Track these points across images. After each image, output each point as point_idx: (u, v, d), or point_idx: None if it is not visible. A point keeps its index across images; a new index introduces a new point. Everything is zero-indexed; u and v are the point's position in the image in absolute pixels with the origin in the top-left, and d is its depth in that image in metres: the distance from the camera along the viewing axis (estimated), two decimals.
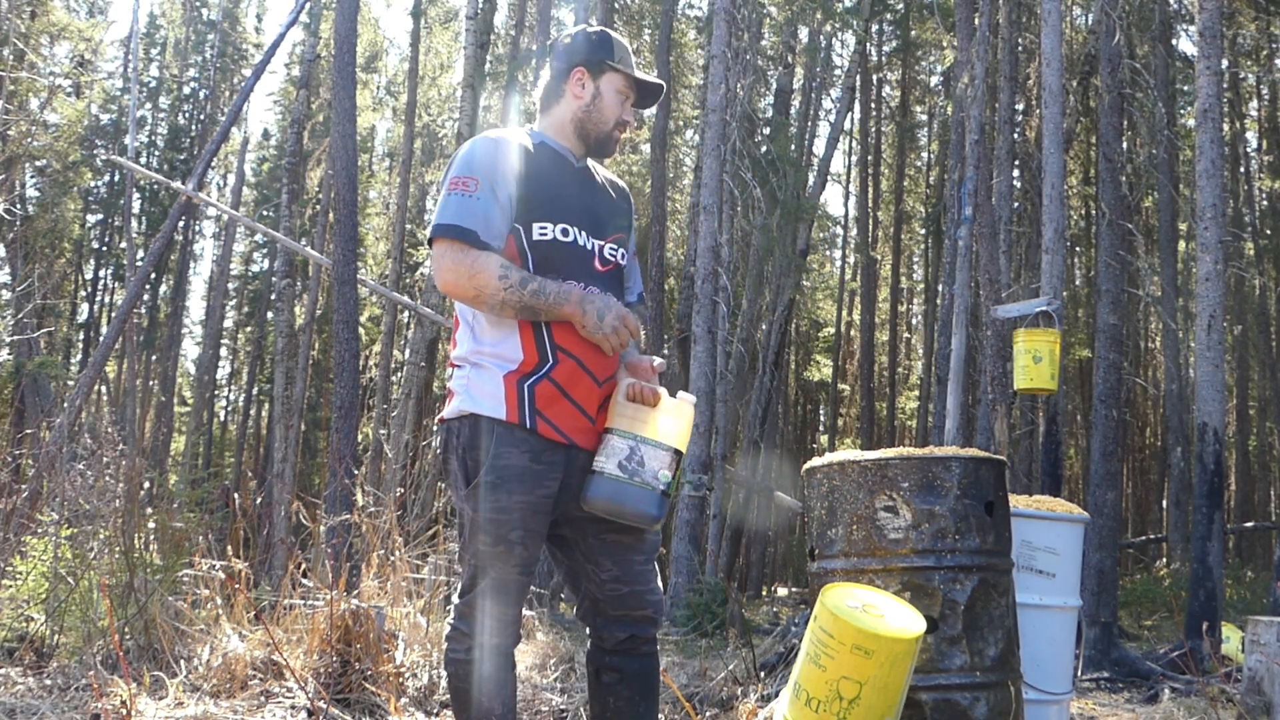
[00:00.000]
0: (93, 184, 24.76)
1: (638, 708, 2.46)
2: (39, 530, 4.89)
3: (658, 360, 2.50)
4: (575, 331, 2.35)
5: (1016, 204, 13.28)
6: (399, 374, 19.21)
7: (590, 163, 2.58)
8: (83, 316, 27.17)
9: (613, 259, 2.48)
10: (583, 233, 2.42)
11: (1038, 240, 11.17)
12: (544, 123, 2.54)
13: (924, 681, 2.73)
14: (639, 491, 2.33)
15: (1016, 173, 13.36)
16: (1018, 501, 3.60)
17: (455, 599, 2.44)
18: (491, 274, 2.29)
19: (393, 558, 4.32)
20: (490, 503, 2.32)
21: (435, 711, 3.83)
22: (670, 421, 2.38)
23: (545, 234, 2.36)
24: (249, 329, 28.46)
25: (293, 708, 3.62)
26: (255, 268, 28.71)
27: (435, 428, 2.58)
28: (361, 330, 16.05)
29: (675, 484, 2.38)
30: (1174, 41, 15.24)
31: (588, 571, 2.45)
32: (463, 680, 2.37)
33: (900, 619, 2.45)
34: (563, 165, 2.48)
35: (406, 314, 21.03)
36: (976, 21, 11.17)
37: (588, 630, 2.51)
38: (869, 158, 23.97)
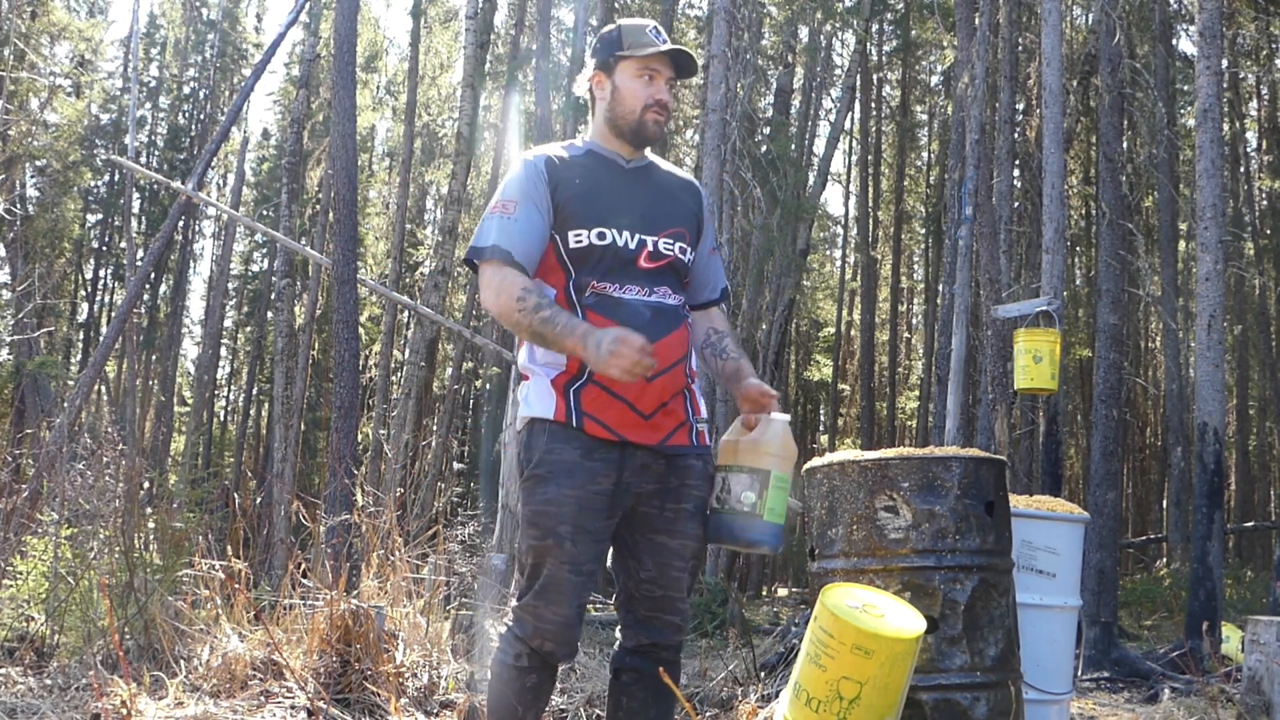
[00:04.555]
0: (93, 184, 24.75)
1: (649, 710, 2.50)
2: (39, 530, 4.89)
3: (769, 391, 2.49)
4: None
5: (1016, 204, 13.27)
6: (399, 374, 19.19)
7: (652, 160, 2.61)
8: (83, 316, 27.16)
9: (668, 253, 2.49)
10: (624, 233, 2.44)
11: (1038, 240, 11.17)
12: (591, 131, 2.61)
13: (924, 681, 2.73)
14: (728, 518, 2.43)
15: (1017, 172, 13.35)
16: (1018, 501, 3.60)
17: (513, 601, 2.45)
18: (512, 295, 2.35)
19: (393, 558, 4.32)
20: (539, 495, 2.36)
21: (435, 711, 3.83)
22: (750, 444, 2.43)
23: (581, 241, 2.41)
24: (249, 329, 28.44)
25: (293, 708, 3.62)
26: (255, 268, 28.68)
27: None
28: (361, 330, 16.03)
29: (763, 503, 2.38)
30: (1174, 41, 15.23)
31: (629, 567, 2.49)
32: (505, 683, 2.41)
33: (900, 619, 2.44)
34: (609, 168, 2.52)
35: (406, 314, 21.02)
36: (976, 21, 11.17)
37: (618, 628, 2.56)
38: (869, 157, 23.95)
